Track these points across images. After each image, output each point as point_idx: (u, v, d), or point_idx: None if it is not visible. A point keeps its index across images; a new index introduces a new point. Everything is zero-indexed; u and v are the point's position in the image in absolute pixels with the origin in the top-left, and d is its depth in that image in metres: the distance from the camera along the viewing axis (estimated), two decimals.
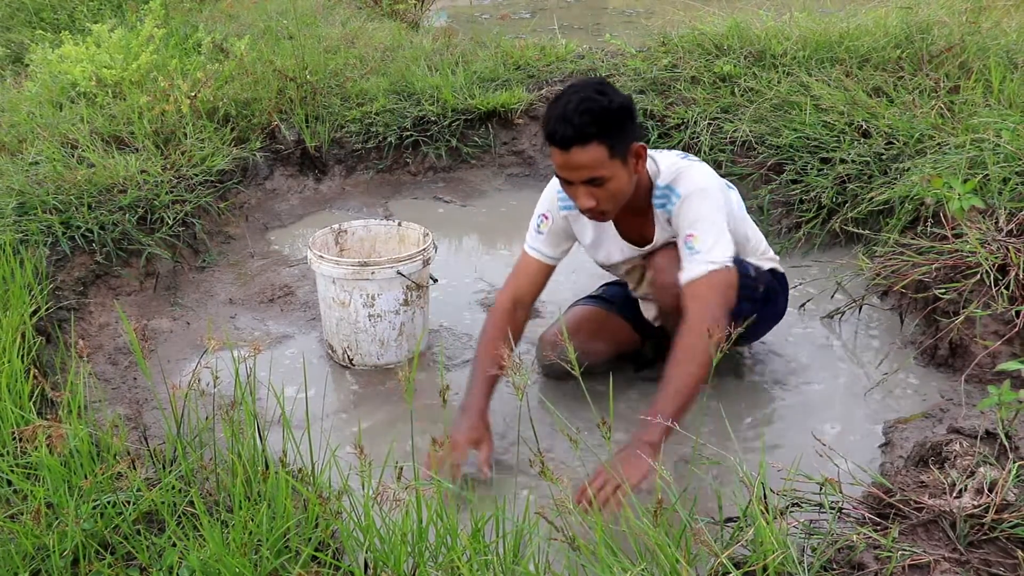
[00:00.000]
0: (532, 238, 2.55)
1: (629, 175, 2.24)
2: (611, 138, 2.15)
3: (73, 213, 3.29)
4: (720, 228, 2.27)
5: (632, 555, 1.56)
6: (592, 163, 2.16)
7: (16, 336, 2.40)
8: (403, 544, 1.57)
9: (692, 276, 2.24)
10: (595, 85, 2.18)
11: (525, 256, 2.57)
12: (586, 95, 2.14)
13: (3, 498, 1.86)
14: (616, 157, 2.18)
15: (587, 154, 2.15)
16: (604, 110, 2.13)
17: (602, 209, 2.26)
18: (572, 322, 2.67)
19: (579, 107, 2.12)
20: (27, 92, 4.53)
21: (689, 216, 2.28)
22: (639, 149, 2.24)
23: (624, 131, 2.18)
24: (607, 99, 2.14)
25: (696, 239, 2.25)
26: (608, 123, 2.14)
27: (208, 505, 1.85)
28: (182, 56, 4.85)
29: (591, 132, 2.12)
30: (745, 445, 2.48)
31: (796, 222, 3.68)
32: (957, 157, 3.15)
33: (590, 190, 2.22)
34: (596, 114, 2.12)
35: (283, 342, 3.10)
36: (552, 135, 2.16)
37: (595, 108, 2.12)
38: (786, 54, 4.44)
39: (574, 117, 2.11)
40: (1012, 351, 2.52)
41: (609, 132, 2.14)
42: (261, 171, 4.27)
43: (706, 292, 2.22)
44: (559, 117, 2.14)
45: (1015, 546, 1.60)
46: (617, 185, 2.22)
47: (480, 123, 4.54)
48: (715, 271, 2.23)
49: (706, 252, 2.24)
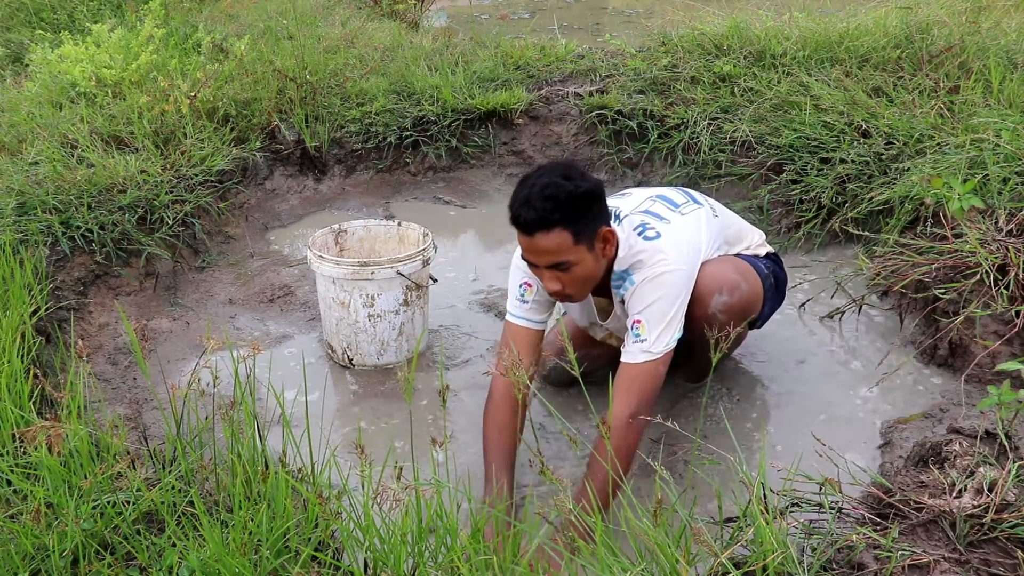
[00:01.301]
0: (517, 307, 2.43)
1: (596, 259, 2.21)
2: (575, 224, 2.12)
3: (73, 213, 3.29)
4: (671, 316, 2.21)
5: (632, 555, 1.56)
6: (556, 249, 2.13)
7: (16, 336, 2.40)
8: (403, 544, 1.57)
9: (629, 361, 2.22)
10: (562, 169, 2.14)
11: (512, 328, 2.43)
12: (551, 180, 2.10)
13: (3, 498, 1.86)
14: (581, 243, 2.14)
15: (551, 240, 2.12)
16: (568, 195, 2.09)
17: (568, 293, 2.24)
18: (569, 329, 2.67)
19: (543, 192, 2.09)
20: (27, 92, 4.53)
21: (640, 303, 2.23)
22: (607, 234, 2.20)
23: (590, 217, 2.15)
24: (572, 184, 2.10)
25: (642, 327, 2.21)
26: (572, 209, 2.10)
27: (208, 505, 1.85)
28: (182, 56, 4.85)
29: (555, 218, 2.09)
30: (745, 445, 2.49)
31: (796, 222, 3.68)
32: (957, 157, 3.15)
33: (556, 274, 2.19)
34: (560, 200, 2.08)
35: (283, 342, 3.10)
36: (516, 219, 2.13)
37: (559, 194, 2.08)
38: (786, 54, 4.44)
39: (537, 202, 2.08)
40: (1012, 351, 2.52)
41: (573, 218, 2.11)
42: (261, 171, 4.26)
43: (631, 385, 2.20)
44: (523, 201, 2.11)
45: (1015, 546, 1.60)
46: (583, 270, 2.19)
47: (480, 123, 4.54)
48: (650, 362, 2.21)
49: (650, 342, 2.20)
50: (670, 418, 1.86)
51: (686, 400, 2.69)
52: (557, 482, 1.60)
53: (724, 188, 3.98)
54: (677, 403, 2.67)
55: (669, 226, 2.31)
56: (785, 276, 2.71)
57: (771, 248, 2.69)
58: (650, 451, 2.42)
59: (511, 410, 2.30)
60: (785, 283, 2.71)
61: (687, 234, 2.33)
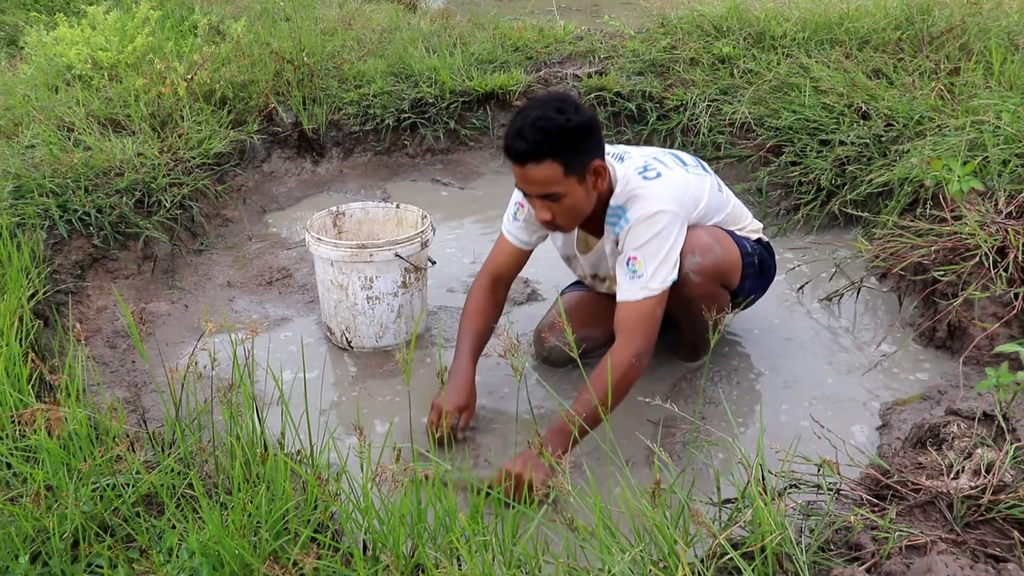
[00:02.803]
0: (509, 223, 2.58)
1: (587, 192, 2.25)
2: (565, 156, 2.16)
3: (70, 196, 3.28)
4: (666, 253, 2.26)
5: (630, 536, 1.57)
6: (546, 180, 2.18)
7: (14, 320, 2.40)
8: (402, 525, 1.57)
9: (627, 299, 2.27)
10: (556, 102, 2.18)
11: (502, 238, 2.61)
12: (543, 112, 2.14)
13: (3, 481, 1.86)
14: (572, 175, 2.18)
15: (541, 171, 2.17)
16: (560, 128, 2.13)
17: (558, 223, 2.29)
18: (566, 308, 2.68)
19: (535, 124, 2.13)
20: (22, 75, 4.50)
21: (636, 240, 2.27)
22: (598, 167, 2.24)
23: (581, 150, 2.18)
24: (564, 117, 2.14)
25: (639, 263, 2.26)
26: (563, 142, 2.14)
27: (207, 487, 1.85)
28: (178, 38, 4.82)
29: (545, 150, 2.14)
30: (743, 427, 2.49)
31: (795, 204, 3.67)
32: (957, 139, 3.14)
33: (546, 204, 2.24)
34: (550, 132, 2.12)
35: (281, 325, 3.10)
36: (508, 149, 2.19)
37: (550, 126, 2.12)
38: (785, 35, 4.42)
39: (529, 134, 2.13)
40: (1010, 333, 2.52)
41: (564, 151, 2.15)
42: (259, 154, 4.25)
43: (633, 324, 2.25)
44: (515, 133, 2.16)
45: (1011, 527, 1.60)
46: (573, 201, 2.23)
47: (478, 105, 4.52)
48: (649, 299, 2.25)
49: (647, 278, 2.25)
50: (669, 400, 1.86)
51: (685, 383, 2.69)
52: (556, 463, 1.60)
53: (723, 170, 3.97)
54: (676, 385, 2.67)
55: (671, 173, 2.36)
56: (773, 264, 2.72)
57: (765, 237, 2.70)
58: (649, 433, 2.42)
59: (487, 301, 2.56)
60: (772, 270, 2.72)
61: (687, 184, 2.38)
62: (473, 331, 2.53)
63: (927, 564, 1.45)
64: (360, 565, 1.51)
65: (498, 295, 2.62)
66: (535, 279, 3.27)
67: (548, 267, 2.83)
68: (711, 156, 4.05)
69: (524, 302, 3.17)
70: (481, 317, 2.56)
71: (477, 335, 2.54)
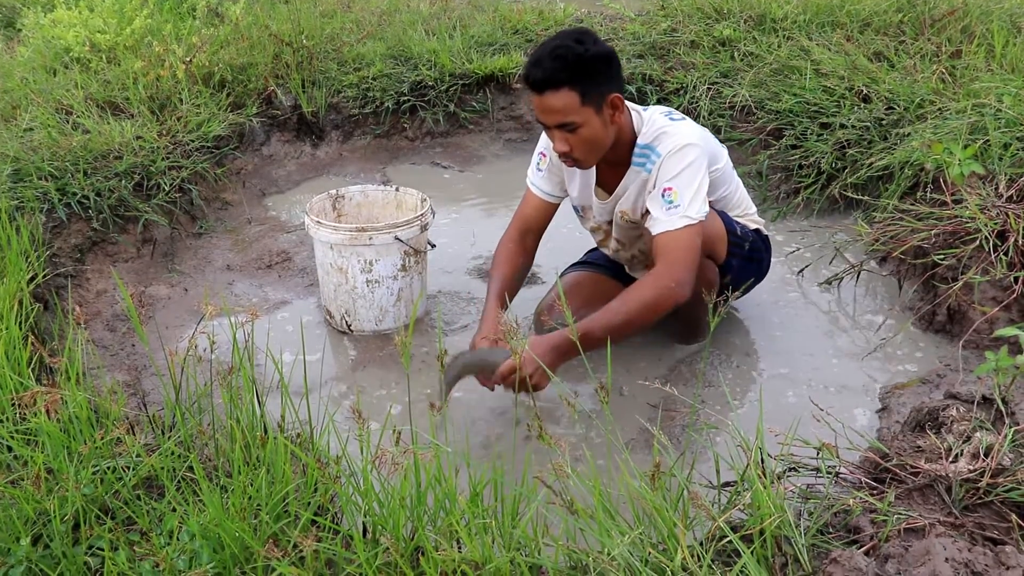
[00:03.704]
0: (533, 174, 2.62)
1: (604, 124, 2.28)
2: (583, 85, 2.19)
3: (69, 180, 3.27)
4: (699, 185, 2.30)
5: (630, 519, 1.57)
6: (563, 108, 2.21)
7: (14, 303, 2.40)
8: (402, 508, 1.58)
9: (667, 228, 2.29)
10: (576, 34, 2.24)
11: (528, 192, 2.64)
12: (563, 43, 2.19)
13: (3, 464, 1.87)
14: (588, 105, 2.22)
15: (558, 99, 2.20)
16: (578, 57, 2.17)
17: (576, 156, 2.31)
18: (566, 288, 2.68)
19: (553, 52, 2.18)
20: (20, 57, 4.49)
21: (669, 171, 2.31)
22: (615, 100, 2.27)
23: (599, 80, 2.22)
24: (583, 47, 2.18)
25: (675, 192, 2.29)
26: (581, 71, 2.18)
27: (207, 470, 1.86)
28: (176, 20, 4.80)
29: (562, 78, 2.18)
30: (742, 410, 2.49)
31: (795, 187, 3.66)
32: (958, 122, 3.13)
33: (564, 135, 2.27)
34: (569, 60, 2.17)
35: (281, 308, 3.10)
36: (526, 77, 2.23)
37: (568, 55, 2.17)
38: (786, 18, 4.40)
39: (547, 62, 2.18)
40: (1010, 317, 2.52)
41: (581, 79, 2.19)
42: (258, 137, 4.24)
43: (675, 251, 2.27)
44: (534, 61, 2.21)
45: (1009, 510, 1.61)
46: (590, 132, 2.26)
47: (478, 88, 4.51)
48: (690, 226, 2.28)
49: (684, 207, 2.27)
50: (668, 383, 1.87)
51: (684, 365, 2.69)
52: (556, 446, 1.60)
53: None
54: (675, 369, 2.68)
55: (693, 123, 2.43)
56: (767, 257, 2.74)
57: (764, 231, 2.71)
58: (649, 416, 2.43)
59: (515, 250, 2.60)
60: (765, 263, 2.73)
61: (708, 134, 2.48)
62: (501, 277, 2.54)
63: (925, 547, 1.46)
64: (360, 547, 1.51)
65: (527, 244, 2.65)
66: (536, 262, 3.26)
67: (549, 251, 2.83)
68: None
69: (524, 285, 3.16)
70: (509, 265, 2.58)
71: (505, 280, 2.54)
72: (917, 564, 1.44)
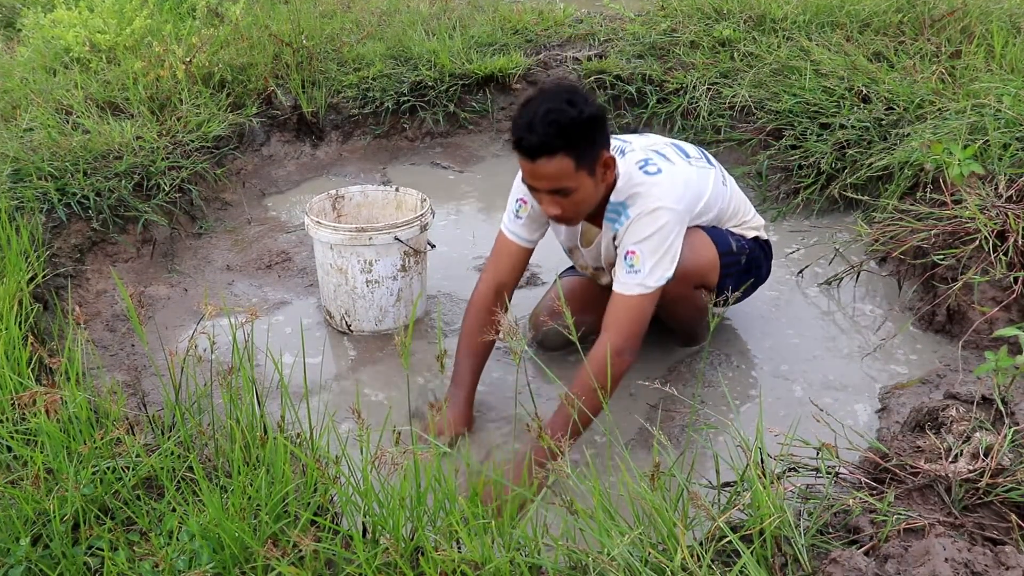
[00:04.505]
0: (511, 222, 2.49)
1: (596, 185, 2.20)
2: (578, 150, 2.10)
3: (68, 180, 3.27)
4: (665, 250, 2.22)
5: (629, 519, 1.57)
6: (558, 174, 2.13)
7: (13, 303, 2.40)
8: (401, 508, 1.58)
9: (622, 292, 2.23)
10: (565, 94, 2.11)
11: (504, 239, 2.51)
12: (555, 105, 2.08)
13: (3, 464, 1.87)
14: (583, 168, 2.13)
15: (553, 165, 2.11)
16: (572, 121, 2.07)
17: (567, 217, 2.25)
18: (564, 293, 2.67)
19: (546, 117, 2.07)
20: (20, 57, 4.48)
21: (635, 235, 2.23)
22: (608, 159, 2.19)
23: (592, 142, 2.13)
24: (576, 110, 2.08)
25: (637, 257, 2.21)
26: (575, 135, 2.09)
27: (207, 470, 1.86)
28: (176, 21, 4.80)
29: (557, 144, 2.08)
30: (742, 410, 2.49)
31: (795, 187, 3.66)
32: (957, 123, 3.13)
33: (555, 199, 2.19)
34: (563, 126, 2.06)
35: (281, 308, 3.10)
36: (518, 144, 2.12)
37: (563, 119, 2.06)
38: (786, 18, 4.40)
39: (540, 127, 2.07)
40: (1010, 317, 2.52)
41: (576, 144, 2.10)
42: (258, 137, 4.24)
43: (623, 320, 2.21)
44: (526, 126, 2.09)
45: (1009, 510, 1.61)
46: (583, 195, 2.19)
47: (478, 88, 4.51)
48: (644, 295, 2.22)
49: (644, 274, 2.21)
50: (668, 383, 1.87)
51: (684, 365, 2.69)
52: (555, 446, 1.60)
53: (723, 153, 3.97)
54: (675, 369, 2.68)
55: (673, 167, 2.32)
56: (767, 264, 2.68)
57: (764, 235, 2.64)
58: (648, 416, 2.43)
59: (488, 316, 2.36)
60: (764, 269, 2.67)
61: (688, 179, 2.33)
62: (473, 352, 2.44)
63: (925, 547, 1.46)
64: (360, 548, 1.51)
65: (503, 302, 2.52)
66: (535, 262, 3.26)
67: (548, 251, 2.83)
68: (711, 140, 4.04)
69: (524, 285, 3.17)
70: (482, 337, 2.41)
71: (477, 354, 2.45)
72: (917, 564, 1.44)
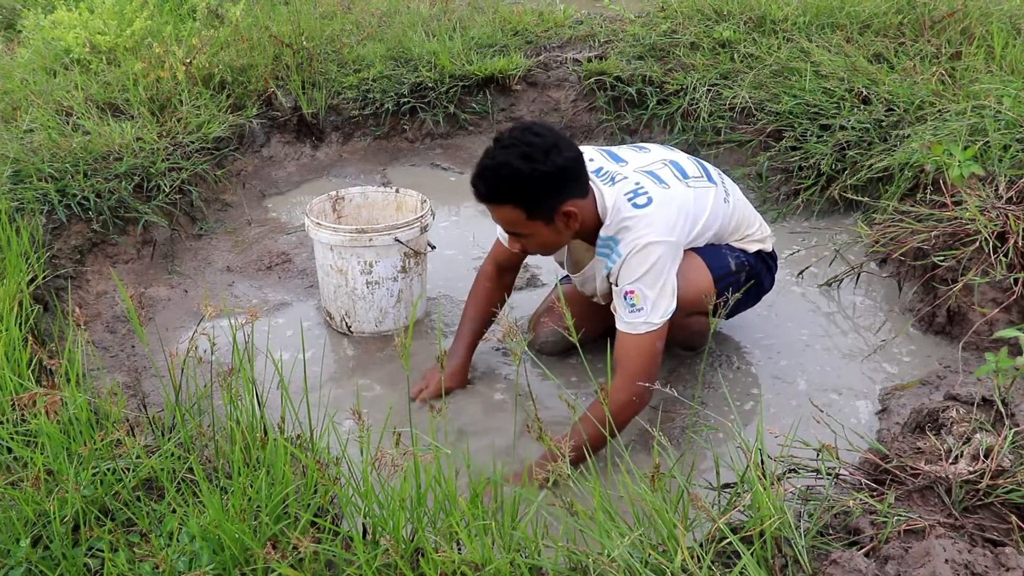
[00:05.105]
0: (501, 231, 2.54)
1: (556, 232, 2.18)
2: (527, 203, 2.09)
3: (69, 181, 3.27)
4: (663, 284, 2.19)
5: (630, 520, 1.57)
6: (508, 222, 2.14)
7: (13, 304, 2.40)
8: (402, 509, 1.58)
9: (629, 332, 2.21)
10: (524, 146, 2.06)
11: (500, 246, 2.60)
12: (506, 159, 2.05)
13: (3, 465, 1.87)
14: (537, 219, 2.12)
15: (502, 213, 2.13)
16: (520, 179, 2.05)
17: (531, 252, 2.28)
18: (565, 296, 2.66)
19: (497, 172, 2.07)
20: (20, 59, 4.48)
21: (630, 274, 2.19)
22: (569, 211, 2.14)
23: (547, 196, 2.10)
24: (529, 167, 2.04)
25: (637, 296, 2.18)
26: (523, 191, 2.07)
27: (207, 472, 1.86)
28: (176, 22, 4.80)
29: (504, 197, 2.09)
30: (743, 412, 2.49)
31: (795, 189, 3.66)
32: (958, 124, 3.13)
33: (514, 239, 2.22)
34: (509, 181, 2.06)
35: (281, 309, 3.10)
36: (472, 185, 2.13)
37: (510, 176, 2.05)
38: (786, 19, 4.40)
39: (488, 178, 2.08)
40: (1010, 318, 2.52)
41: (525, 199, 2.08)
42: (258, 138, 4.24)
43: (635, 359, 2.19)
44: (478, 172, 2.10)
45: (1009, 511, 1.61)
46: (540, 240, 2.20)
47: (478, 89, 4.51)
48: (651, 332, 2.19)
49: (647, 311, 2.18)
50: (668, 384, 1.86)
51: (684, 367, 2.69)
52: (556, 448, 1.60)
53: (723, 155, 3.97)
54: (675, 370, 2.68)
55: (666, 193, 2.26)
56: (770, 276, 2.64)
57: (769, 247, 2.59)
58: (648, 417, 2.42)
59: (491, 286, 2.62)
60: (766, 283, 2.63)
61: (681, 205, 2.27)
62: (474, 316, 2.60)
63: (925, 548, 1.46)
64: (360, 549, 1.51)
65: (503, 280, 2.65)
66: (535, 264, 3.27)
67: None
68: (711, 141, 4.04)
69: (523, 287, 3.17)
70: (484, 302, 2.60)
71: (478, 319, 2.59)
72: (917, 565, 1.44)
